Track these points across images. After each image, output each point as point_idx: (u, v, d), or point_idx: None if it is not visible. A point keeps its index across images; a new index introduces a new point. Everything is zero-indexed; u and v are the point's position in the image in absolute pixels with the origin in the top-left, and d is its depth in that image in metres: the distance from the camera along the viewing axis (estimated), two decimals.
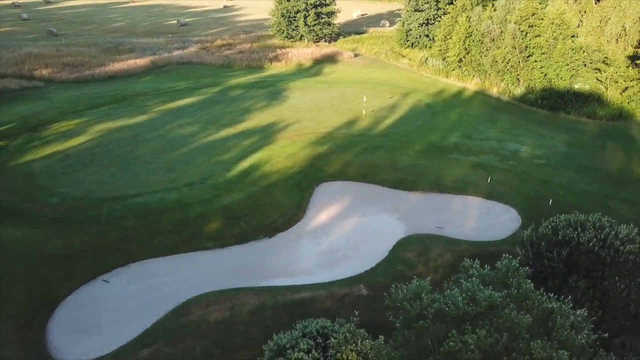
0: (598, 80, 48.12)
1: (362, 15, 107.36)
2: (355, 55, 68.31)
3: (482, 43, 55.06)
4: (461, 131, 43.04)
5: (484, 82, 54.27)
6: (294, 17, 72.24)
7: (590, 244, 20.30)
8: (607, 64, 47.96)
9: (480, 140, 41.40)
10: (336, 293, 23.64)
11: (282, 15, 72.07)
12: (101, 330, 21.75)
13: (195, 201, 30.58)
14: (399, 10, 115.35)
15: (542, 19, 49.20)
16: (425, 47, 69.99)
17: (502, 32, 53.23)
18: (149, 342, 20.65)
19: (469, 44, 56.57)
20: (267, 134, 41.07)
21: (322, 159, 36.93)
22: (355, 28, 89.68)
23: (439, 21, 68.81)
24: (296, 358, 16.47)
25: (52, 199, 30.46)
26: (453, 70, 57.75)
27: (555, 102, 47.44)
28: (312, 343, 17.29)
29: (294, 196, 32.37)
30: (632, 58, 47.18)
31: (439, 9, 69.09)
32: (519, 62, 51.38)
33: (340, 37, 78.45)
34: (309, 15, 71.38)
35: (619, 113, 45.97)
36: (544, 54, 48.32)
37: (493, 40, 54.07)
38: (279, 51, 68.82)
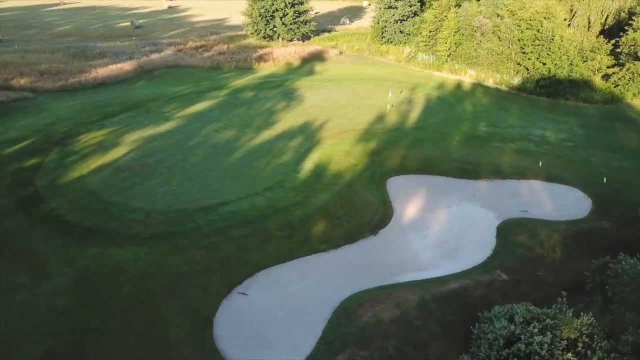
0: (589, 69, 52.64)
1: (316, 13, 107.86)
2: (340, 53, 69.03)
3: (473, 37, 58.03)
4: (485, 121, 45.35)
5: (478, 74, 57.23)
6: (272, 16, 71.50)
7: None
8: (594, 52, 52.64)
9: (507, 128, 43.93)
10: (481, 281, 24.46)
11: (260, 15, 71.05)
12: (274, 343, 20.96)
13: (288, 205, 29.99)
14: (352, 7, 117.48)
15: (535, 12, 52.83)
16: (401, 42, 72.28)
17: (494, 25, 56.48)
18: (337, 348, 20.26)
19: (458, 38, 59.36)
20: (308, 134, 40.80)
21: (378, 155, 37.45)
22: (318, 27, 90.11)
23: (412, 18, 71.55)
24: (539, 342, 17.23)
25: (136, 215, 28.52)
26: (443, 63, 60.30)
27: (555, 89, 51.26)
28: (537, 326, 18.14)
29: (375, 192, 32.70)
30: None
31: (412, 5, 71.55)
32: (512, 54, 54.82)
33: (312, 35, 78.61)
34: (287, 14, 70.97)
35: (611, 97, 50.65)
36: (540, 45, 51.90)
37: (483, 34, 57.23)
38: (261, 51, 67.91)
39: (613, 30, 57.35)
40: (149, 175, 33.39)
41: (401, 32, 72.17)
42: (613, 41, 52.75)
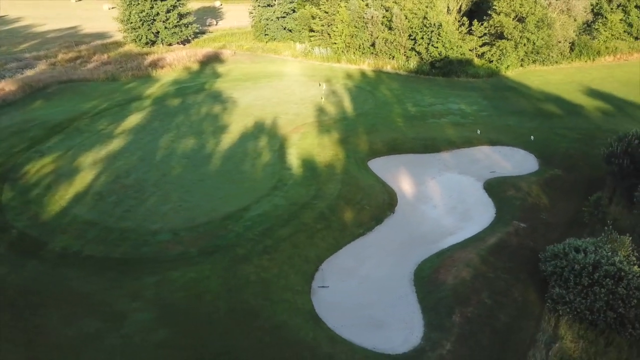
0: (469, 49, 60.98)
1: None
2: (234, 53, 68.55)
3: (366, 28, 62.79)
4: (408, 102, 50.15)
5: (376, 62, 62.24)
6: (153, 20, 67.80)
7: None
8: (472, 34, 61.19)
9: (430, 106, 49.28)
10: (508, 232, 28.39)
11: (141, 20, 66.84)
12: (384, 322, 22.17)
13: (308, 199, 30.65)
14: (205, 7, 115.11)
15: (417, 2, 59.35)
16: (284, 39, 74.49)
17: (384, 16, 61.86)
18: (444, 312, 22.27)
19: (352, 30, 63.63)
20: (269, 133, 41.07)
21: (346, 143, 39.51)
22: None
23: (292, 14, 74.05)
24: (619, 261, 21.51)
25: (163, 236, 26.72)
26: (341, 55, 64.15)
27: (449, 69, 58.44)
28: (608, 249, 22.49)
29: (369, 175, 34.88)
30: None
31: (291, 2, 74.06)
32: (404, 41, 60.83)
33: (191, 38, 76.37)
34: (169, 17, 67.98)
35: (490, 72, 59.55)
36: (430, 32, 58.53)
37: (374, 25, 62.31)
38: (149, 58, 64.27)
39: (473, 15, 66.86)
40: (140, 195, 30.91)
41: (284, 28, 74.28)
42: (481, 23, 61.84)
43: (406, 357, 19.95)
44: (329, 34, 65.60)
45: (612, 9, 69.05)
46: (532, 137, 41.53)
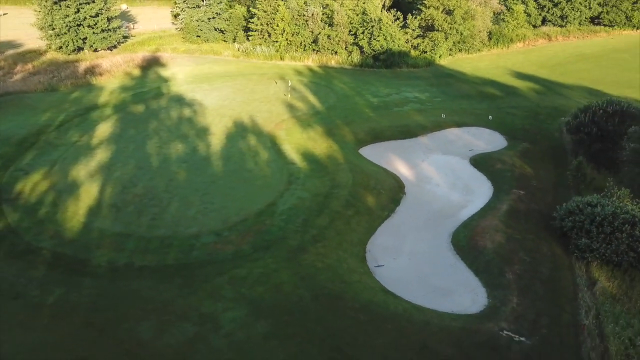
0: (405, 41, 64.98)
1: None
2: (174, 55, 66.52)
3: (307, 25, 64.36)
4: (367, 94, 52.61)
5: (320, 58, 64.11)
6: (79, 25, 63.63)
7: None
8: (407, 27, 65.23)
9: (388, 96, 52.22)
10: (512, 199, 31.81)
11: (67, 26, 62.42)
12: (448, 291, 24.18)
13: (327, 190, 31.91)
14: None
15: None
16: (216, 39, 73.75)
17: (324, 13, 63.84)
18: (495, 272, 24.95)
19: (293, 28, 64.84)
20: (254, 132, 41.32)
21: (332, 135, 41.02)
22: None
23: (221, 14, 73.46)
24: (632, 209, 25.53)
25: (207, 239, 26.62)
26: (284, 53, 65.13)
27: (392, 61, 61.94)
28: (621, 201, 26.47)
29: (368, 163, 36.75)
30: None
31: (220, 2, 73.41)
32: (345, 36, 63.34)
33: (117, 43, 72.72)
34: (98, 22, 64.25)
35: (427, 62, 64.11)
36: (371, 27, 61.59)
37: (314, 22, 64.12)
38: (81, 65, 60.47)
39: (398, 8, 70.99)
40: (158, 203, 30.07)
41: (215, 29, 73.46)
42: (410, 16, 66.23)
43: (485, 314, 22.20)
44: (268, 33, 66.19)
45: (515, 2, 77.39)
46: (490, 117, 45.98)
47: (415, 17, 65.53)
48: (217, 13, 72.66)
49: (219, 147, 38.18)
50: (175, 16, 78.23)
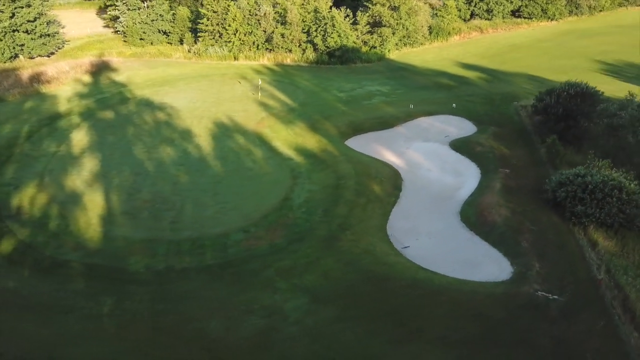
0: (356, 38, 67.09)
1: None
2: (122, 59, 63.99)
3: (260, 24, 64.59)
4: (334, 89, 53.95)
5: (275, 57, 64.63)
6: (15, 31, 59.55)
7: None
8: (357, 24, 67.36)
9: (352, 91, 53.91)
10: (501, 177, 34.54)
11: (2, 32, 58.18)
12: (474, 263, 26.20)
13: (335, 181, 33.20)
14: None
15: None
16: (160, 42, 71.98)
17: (276, 12, 64.37)
18: (511, 242, 27.31)
19: (246, 28, 64.77)
20: (238, 131, 41.53)
21: (316, 130, 42.09)
22: None
23: (163, 16, 71.77)
24: (615, 175, 28.97)
25: (238, 236, 26.92)
26: (238, 52, 64.92)
27: (347, 57, 63.78)
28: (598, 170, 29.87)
29: (359, 154, 38.17)
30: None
31: (162, 4, 71.64)
32: (298, 34, 64.35)
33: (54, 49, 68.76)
34: (36, 27, 60.45)
35: (379, 56, 66.68)
36: (324, 24, 63.03)
37: (267, 20, 64.52)
38: (22, 73, 56.75)
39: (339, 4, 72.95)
40: (171, 207, 29.82)
41: (159, 31, 71.61)
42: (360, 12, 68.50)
43: (515, 279, 24.39)
44: (220, 33, 65.62)
45: None
46: (454, 105, 49.07)
47: (364, 14, 67.85)
48: (160, 15, 70.84)
49: (210, 148, 37.98)
50: (114, 19, 75.09)
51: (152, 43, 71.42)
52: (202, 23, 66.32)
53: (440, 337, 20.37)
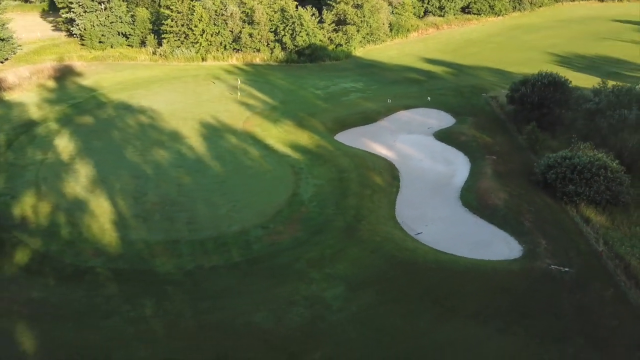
0: (323, 36, 67.98)
1: None
2: (85, 63, 61.70)
3: (227, 24, 64.22)
4: (310, 87, 54.64)
5: (244, 56, 64.47)
6: None
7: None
8: (323, 22, 68.26)
9: (327, 88, 54.75)
10: (491, 164, 36.46)
11: None
12: (484, 244, 27.71)
13: (338, 174, 34.05)
14: None
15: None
16: (120, 44, 70.08)
17: (242, 11, 64.20)
18: (513, 223, 29.10)
19: (212, 28, 64.17)
20: (228, 130, 41.48)
21: (304, 127, 42.71)
22: None
23: (122, 18, 69.92)
24: (598, 156, 31.44)
25: (257, 232, 27.30)
26: (206, 53, 64.25)
27: (316, 55, 64.54)
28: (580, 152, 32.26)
29: (352, 148, 39.10)
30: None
31: (120, 5, 69.73)
32: (266, 33, 64.53)
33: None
34: None
35: (346, 54, 67.87)
36: (292, 23, 63.52)
37: (233, 21, 64.25)
38: None
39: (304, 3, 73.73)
40: (181, 208, 29.60)
41: (119, 33, 69.67)
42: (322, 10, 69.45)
43: (527, 256, 26.10)
44: (186, 34, 64.67)
45: None
46: (429, 98, 50.99)
47: (329, 12, 68.86)
48: (118, 17, 68.88)
49: (204, 148, 37.76)
50: (69, 22, 72.18)
51: (112, 46, 69.32)
52: (167, 24, 65.08)
53: (475, 313, 21.67)
